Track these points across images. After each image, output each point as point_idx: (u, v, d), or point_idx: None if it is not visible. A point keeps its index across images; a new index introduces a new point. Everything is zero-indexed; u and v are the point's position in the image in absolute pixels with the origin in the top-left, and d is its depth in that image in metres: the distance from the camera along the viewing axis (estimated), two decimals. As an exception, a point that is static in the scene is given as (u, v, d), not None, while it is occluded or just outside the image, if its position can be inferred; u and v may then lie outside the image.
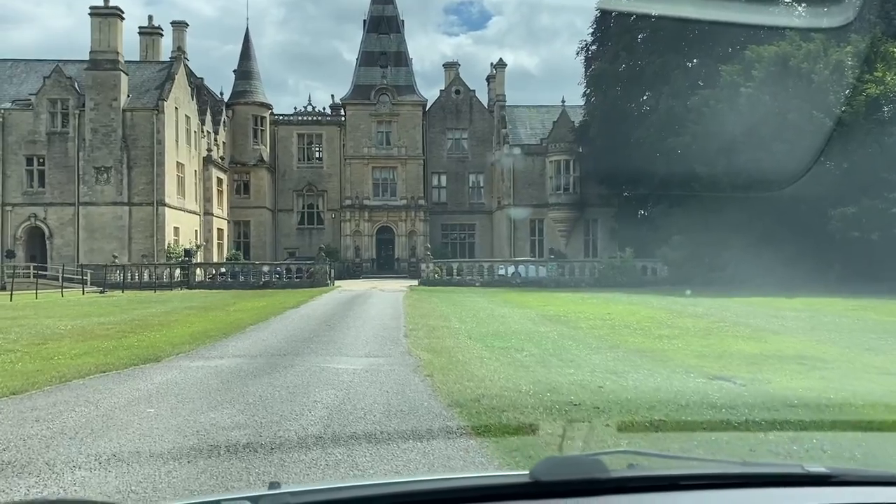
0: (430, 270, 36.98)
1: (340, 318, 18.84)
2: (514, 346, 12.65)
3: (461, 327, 16.20)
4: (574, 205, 53.24)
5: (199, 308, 23.61)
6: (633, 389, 8.52)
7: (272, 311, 21.88)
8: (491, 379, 9.15)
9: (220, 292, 33.66)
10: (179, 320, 19.01)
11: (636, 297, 26.69)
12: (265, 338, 14.56)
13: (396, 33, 59.09)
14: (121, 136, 43.49)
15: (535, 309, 22.06)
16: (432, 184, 58.82)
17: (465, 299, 26.45)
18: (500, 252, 54.82)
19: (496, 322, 17.65)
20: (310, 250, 55.89)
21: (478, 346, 12.75)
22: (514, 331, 15.53)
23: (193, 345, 13.43)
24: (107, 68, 43.16)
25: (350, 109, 57.20)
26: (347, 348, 12.80)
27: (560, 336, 14.58)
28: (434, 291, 31.50)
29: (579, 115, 54.76)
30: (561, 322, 17.76)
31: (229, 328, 16.62)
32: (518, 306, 23.17)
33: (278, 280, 37.49)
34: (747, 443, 6.26)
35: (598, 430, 6.47)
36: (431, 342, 13.38)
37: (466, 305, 23.27)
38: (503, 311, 21.26)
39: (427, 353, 11.85)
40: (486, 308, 22.17)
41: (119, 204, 43.57)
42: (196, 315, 20.82)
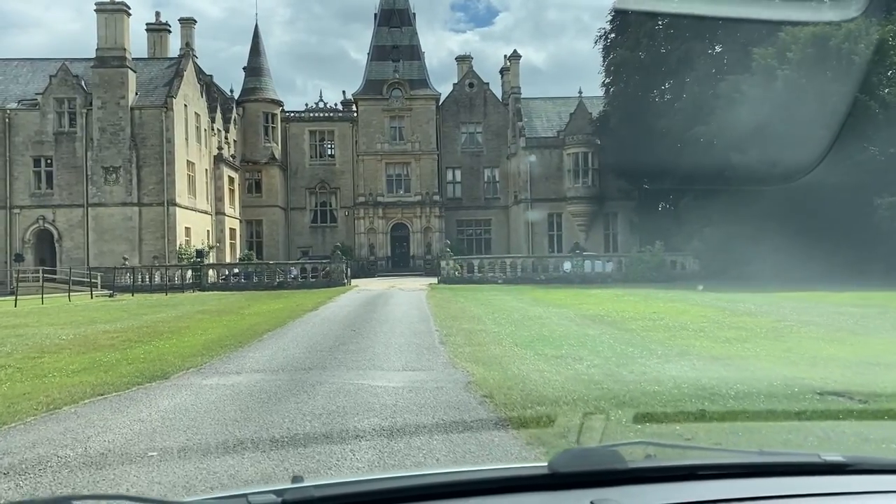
0: (449, 268, 35.32)
1: (365, 322, 17.22)
2: (569, 355, 10.97)
3: (500, 331, 14.53)
4: (593, 198, 51.42)
5: (212, 312, 22.06)
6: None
7: (290, 314, 20.30)
8: (565, 401, 7.48)
9: (233, 294, 32.14)
10: (191, 326, 17.45)
11: (674, 294, 24.96)
12: (285, 347, 12.96)
13: (408, 26, 57.37)
14: (129, 135, 42.05)
15: (570, 308, 20.38)
16: (447, 179, 57.15)
17: (493, 298, 24.78)
18: (518, 248, 53.12)
19: (536, 324, 15.97)
20: (323, 249, 54.40)
21: (529, 355, 11.08)
22: (560, 335, 13.86)
23: (206, 356, 11.85)
24: (114, 66, 41.71)
25: (362, 105, 55.56)
26: (380, 359, 11.17)
27: (615, 340, 12.90)
28: (456, 290, 29.86)
29: (597, 106, 52.95)
30: (607, 323, 16.08)
31: (245, 335, 15.04)
32: (552, 305, 21.49)
33: (293, 280, 35.94)
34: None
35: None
36: (474, 350, 11.73)
37: (496, 305, 21.61)
38: (538, 310, 19.59)
39: (474, 364, 10.19)
40: (519, 308, 20.50)
41: (129, 204, 42.15)
42: (209, 320, 19.26)
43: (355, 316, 19.07)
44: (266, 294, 30.98)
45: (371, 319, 17.89)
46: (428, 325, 15.98)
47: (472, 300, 23.88)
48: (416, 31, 57.54)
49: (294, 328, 16.31)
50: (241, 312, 21.72)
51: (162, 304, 26.24)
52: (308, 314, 20.10)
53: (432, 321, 16.95)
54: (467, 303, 22.71)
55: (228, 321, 18.80)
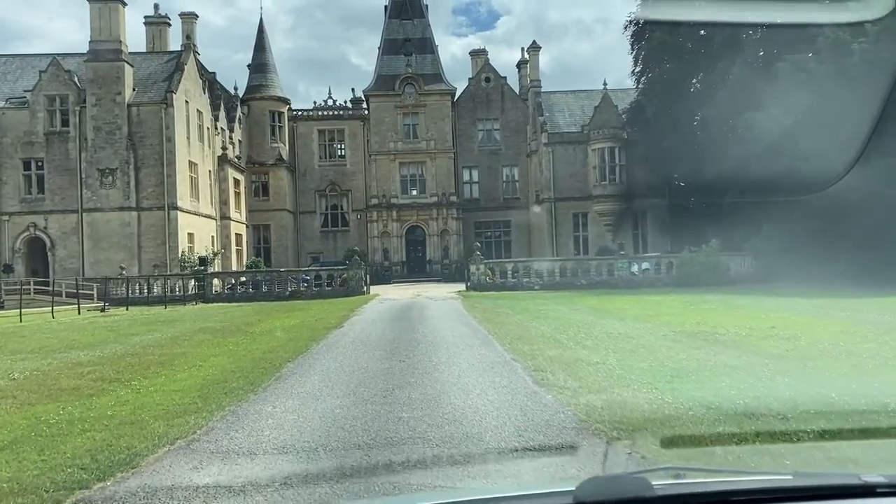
0: (480, 273, 31.22)
1: (409, 346, 13.17)
2: (766, 409, 6.93)
3: (603, 361, 10.48)
4: (620, 196, 47.38)
5: (214, 331, 18.05)
6: None
7: (310, 333, 16.29)
8: None
9: (241, 306, 28.12)
10: (187, 354, 13.44)
11: (759, 301, 20.91)
12: (316, 391, 8.93)
13: (420, 18, 53.47)
14: (126, 134, 38.09)
15: (651, 321, 16.35)
16: (463, 179, 53.16)
17: (544, 309, 20.71)
18: (541, 250, 49.10)
19: (637, 347, 11.93)
20: (335, 254, 50.43)
21: (701, 411, 7.02)
22: (693, 366, 9.82)
23: (202, 413, 7.83)
24: (109, 59, 37.77)
25: (373, 101, 51.61)
26: (468, 420, 7.12)
27: (771, 372, 8.97)
28: (493, 299, 25.78)
29: (621, 99, 49.12)
30: (723, 343, 12.07)
31: (258, 369, 11.03)
32: (625, 318, 17.43)
33: (307, 289, 31.89)
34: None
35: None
36: (602, 400, 7.66)
37: (558, 319, 17.55)
38: (617, 326, 15.53)
39: (636, 434, 6.16)
40: (589, 322, 16.44)
41: (126, 209, 38.16)
42: (210, 343, 15.25)
43: (392, 336, 15.02)
44: (278, 306, 26.96)
45: (415, 342, 13.84)
46: (496, 352, 11.94)
47: (523, 312, 19.84)
48: (428, 23, 53.68)
49: (320, 357, 12.26)
50: (251, 331, 17.71)
51: (158, 321, 22.22)
52: (332, 333, 16.07)
53: (497, 344, 12.91)
54: (519, 316, 18.66)
55: (236, 345, 14.78)
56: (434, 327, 16.44)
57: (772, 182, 29.95)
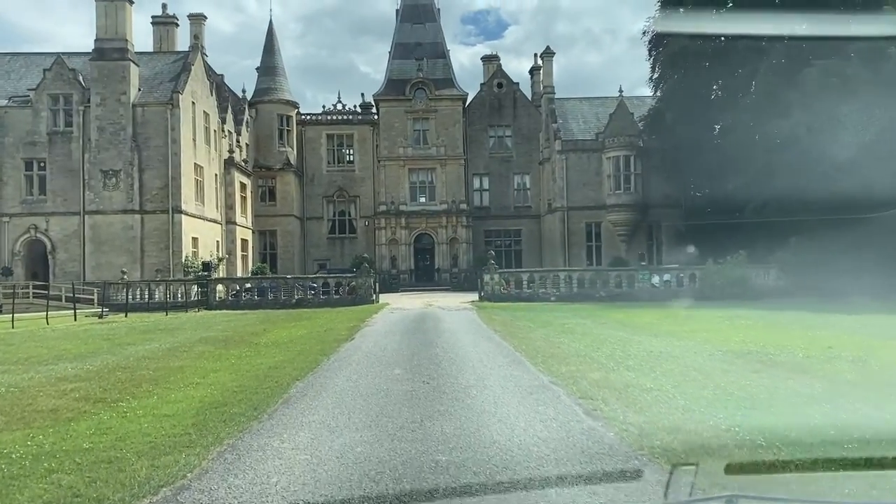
0: (494, 282, 29.82)
1: (431, 365, 11.77)
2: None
3: (660, 387, 9.08)
4: (635, 206, 46.01)
5: (216, 341, 16.71)
6: None
7: (320, 345, 14.94)
8: None
9: (245, 314, 26.78)
10: (184, 368, 12.10)
11: (799, 317, 19.48)
12: (332, 422, 7.57)
13: (432, 22, 52.35)
14: (130, 135, 36.92)
15: (689, 338, 14.95)
16: (473, 186, 51.86)
17: (569, 323, 19.31)
18: (553, 260, 47.75)
19: (689, 370, 10.52)
20: (341, 262, 49.15)
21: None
22: (757, 395, 8.44)
23: (195, 448, 6.48)
24: (114, 58, 36.65)
25: (383, 106, 50.42)
26: (521, 466, 5.73)
27: (858, 402, 7.57)
28: (511, 310, 24.36)
29: (637, 107, 47.88)
30: (782, 366, 10.69)
31: (261, 390, 9.68)
32: (659, 334, 16.03)
33: (314, 297, 30.54)
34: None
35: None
36: (681, 443, 6.28)
37: (588, 334, 16.15)
38: (655, 344, 14.12)
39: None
40: (623, 339, 15.02)
41: (129, 212, 36.94)
42: (211, 355, 13.90)
43: (410, 351, 13.64)
44: (283, 314, 25.61)
45: (435, 359, 12.46)
46: (530, 374, 10.55)
47: (545, 325, 18.45)
48: (440, 27, 52.55)
49: (332, 375, 10.90)
50: (255, 342, 16.36)
51: (157, 329, 20.90)
52: (344, 346, 14.70)
53: (528, 363, 11.53)
54: (543, 330, 17.27)
55: (238, 358, 13.43)
56: (453, 342, 15.05)
57: (802, 193, 28.55)
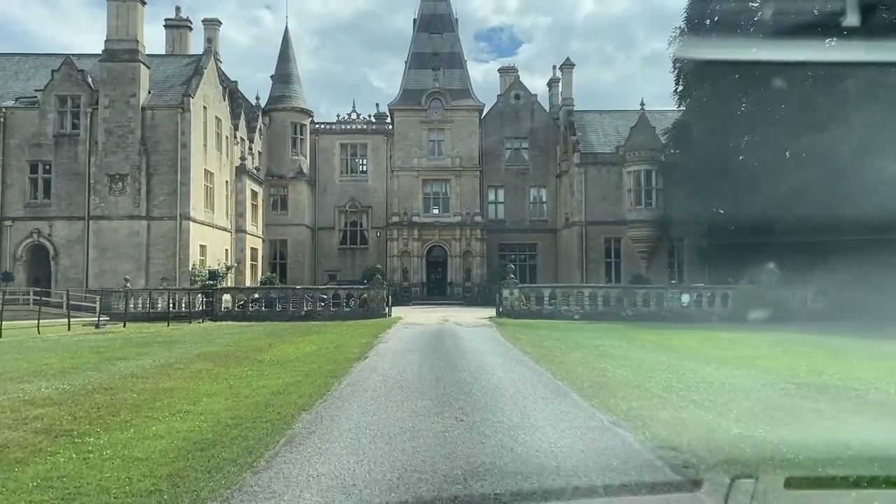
0: (513, 298, 27.97)
1: (461, 394, 9.98)
2: None
3: (751, 433, 7.28)
4: (656, 222, 44.11)
5: (217, 357, 14.99)
6: None
7: (329, 365, 13.18)
8: None
9: (251, 326, 25.06)
10: (175, 391, 10.38)
11: (861, 344, 17.57)
12: (345, 475, 5.80)
13: (450, 32, 50.92)
14: (139, 139, 35.50)
15: (743, 365, 13.11)
16: (488, 199, 50.17)
17: (603, 344, 17.46)
18: (569, 276, 45.87)
19: (773, 408, 8.70)
20: (352, 273, 47.49)
21: None
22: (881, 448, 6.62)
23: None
24: (124, 59, 35.32)
25: (398, 116, 48.93)
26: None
27: None
28: (535, 328, 22.52)
29: (658, 121, 46.17)
30: (883, 406, 8.85)
31: (260, 423, 7.94)
32: (710, 360, 14.18)
33: (324, 309, 28.79)
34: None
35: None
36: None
37: (630, 359, 14.30)
38: (710, 371, 12.28)
39: None
40: (674, 366, 13.18)
41: (136, 218, 35.43)
42: (207, 375, 12.18)
43: (433, 375, 11.84)
44: (292, 327, 23.88)
45: (464, 386, 10.66)
46: (584, 410, 8.73)
47: (577, 347, 16.62)
48: (458, 37, 51.06)
49: (345, 405, 9.14)
50: (259, 359, 14.63)
51: (155, 341, 19.20)
52: (356, 367, 12.94)
53: (575, 395, 9.71)
54: (577, 353, 15.44)
55: (238, 379, 11.70)
56: (480, 364, 13.26)
57: (841, 211, 26.67)
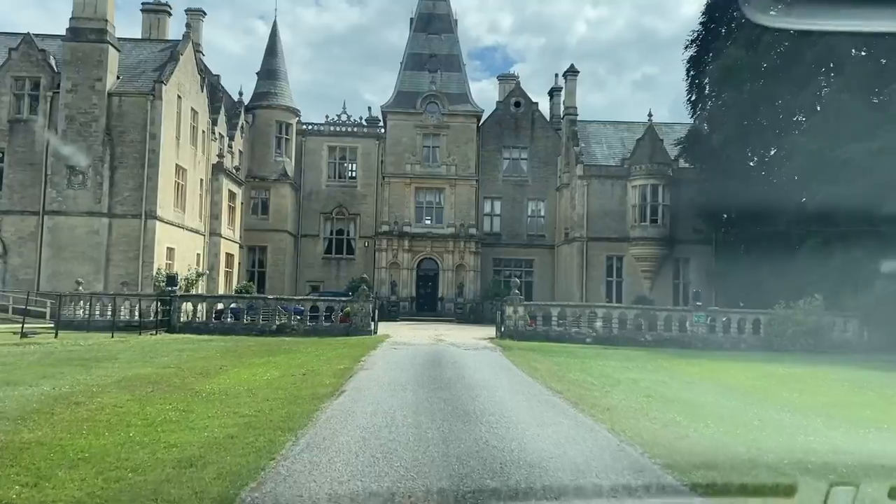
0: (517, 317, 23.99)
1: (485, 470, 6.04)
2: None
3: None
4: (662, 240, 40.54)
5: (141, 384, 10.96)
6: None
7: (285, 408, 9.15)
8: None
9: (211, 341, 20.92)
10: (32, 447, 6.36)
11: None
12: None
13: (449, 34, 47.38)
14: (104, 127, 31.43)
15: (834, 414, 9.29)
16: (484, 211, 46.39)
17: (644, 380, 13.55)
18: (568, 295, 42.08)
19: None
20: (336, 284, 43.42)
21: None
22: None
23: None
24: (91, 39, 31.33)
25: (391, 119, 45.18)
26: None
27: None
28: (546, 354, 18.55)
29: (665, 133, 42.89)
30: None
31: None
32: (797, 407, 10.35)
33: (299, 323, 24.65)
34: None
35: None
36: None
37: (698, 406, 10.40)
38: (836, 437, 8.43)
39: None
40: (766, 419, 9.32)
41: (96, 214, 31.25)
42: (109, 415, 8.16)
43: (437, 432, 7.85)
44: (258, 344, 19.78)
45: (489, 457, 6.71)
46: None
47: (615, 384, 12.71)
48: (457, 39, 47.53)
49: (301, 487, 5.17)
50: (197, 390, 10.61)
51: (80, 358, 15.06)
52: (324, 411, 8.94)
53: (670, 477, 5.82)
54: (620, 393, 11.53)
55: (147, 425, 7.69)
56: (501, 411, 9.29)
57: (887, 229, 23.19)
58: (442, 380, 12.39)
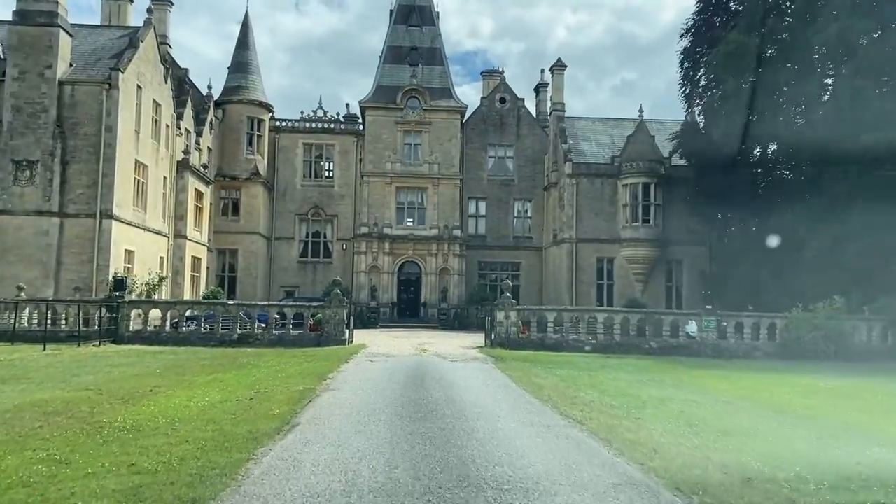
0: (510, 323, 21.27)
1: None
2: None
3: None
4: (654, 241, 38.17)
5: (37, 415, 8.16)
6: None
7: (208, 455, 6.41)
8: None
9: (158, 353, 18.00)
10: None
11: None
12: None
13: (430, 26, 44.85)
14: (54, 118, 28.38)
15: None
16: (468, 211, 43.80)
17: (672, 399, 10.95)
18: (557, 299, 39.60)
19: None
20: (313, 290, 40.51)
21: None
22: None
23: None
24: (40, 23, 28.30)
25: (371, 114, 42.48)
26: None
27: None
28: (548, 367, 15.85)
29: (656, 129, 40.58)
30: None
31: None
32: (884, 441, 7.83)
33: (263, 333, 21.70)
34: None
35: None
36: None
37: (761, 438, 7.84)
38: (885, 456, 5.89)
39: None
40: (826, 449, 6.76)
41: (46, 214, 28.14)
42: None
43: (417, 500, 5.20)
44: (211, 357, 16.92)
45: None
46: None
47: (640, 405, 10.11)
48: (439, 32, 45.01)
49: None
50: (104, 424, 7.85)
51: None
52: (262, 456, 6.26)
53: None
54: (656, 421, 8.93)
55: (14, 481, 4.94)
56: (508, 454, 6.63)
57: None
58: (426, 405, 9.71)
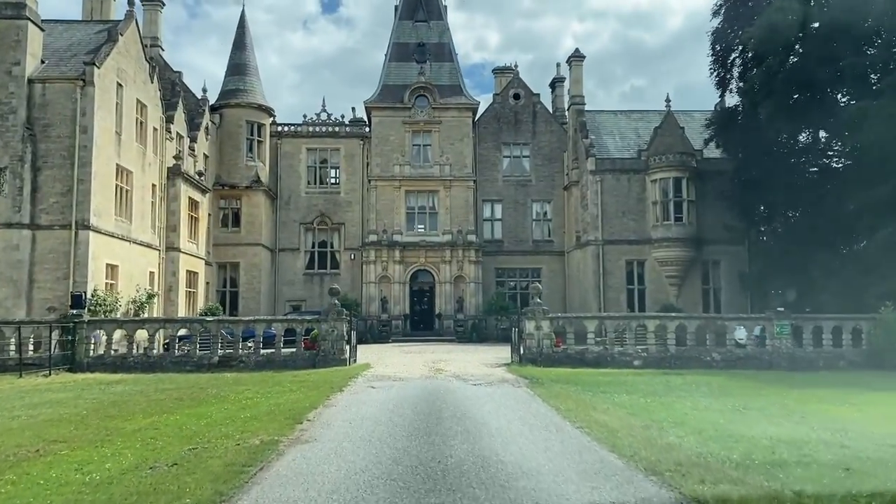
0: (541, 335, 17.40)
1: None
2: None
3: None
4: (688, 240, 34.29)
5: None
6: None
7: None
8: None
9: (113, 384, 14.41)
10: None
11: None
12: None
13: (438, 20, 41.49)
14: (23, 120, 25.15)
15: None
16: (484, 215, 40.16)
17: (809, 441, 7.20)
18: (583, 307, 35.79)
19: None
20: (320, 303, 36.92)
21: None
22: None
23: None
24: (6, 15, 25.15)
25: (377, 115, 39.08)
26: None
27: None
28: (608, 393, 11.91)
29: (684, 121, 36.88)
30: None
31: None
32: None
33: (249, 354, 18.04)
34: None
35: None
36: None
37: None
38: None
39: None
40: None
41: (15, 226, 24.82)
42: None
43: None
44: (175, 387, 13.34)
45: None
46: None
47: (750, 451, 6.35)
48: (447, 26, 41.62)
49: None
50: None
51: None
52: None
53: None
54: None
55: None
56: None
57: None
58: (444, 475, 6.03)
